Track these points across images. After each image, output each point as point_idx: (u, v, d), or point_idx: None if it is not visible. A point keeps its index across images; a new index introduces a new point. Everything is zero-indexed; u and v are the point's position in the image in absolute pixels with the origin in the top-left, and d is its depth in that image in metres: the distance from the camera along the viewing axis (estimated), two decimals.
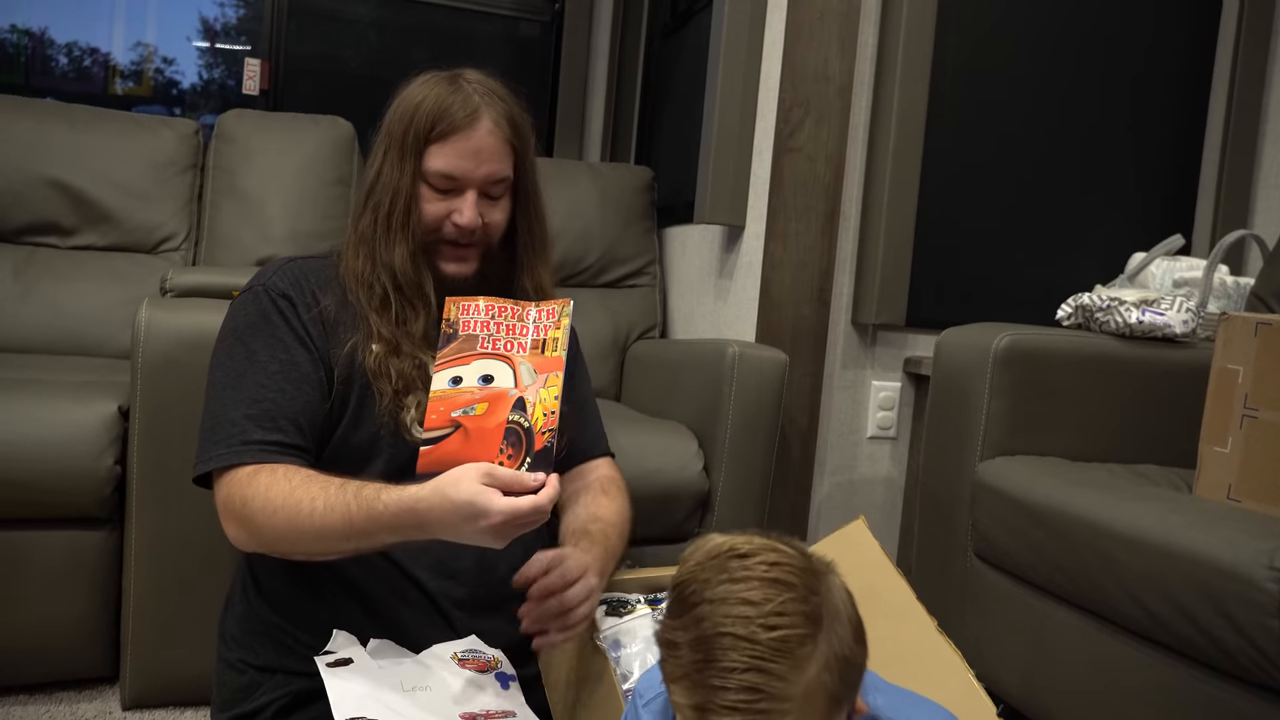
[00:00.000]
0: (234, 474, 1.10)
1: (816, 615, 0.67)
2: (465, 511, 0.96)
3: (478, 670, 1.13)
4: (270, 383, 1.12)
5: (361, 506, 1.02)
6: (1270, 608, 1.09)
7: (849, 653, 0.68)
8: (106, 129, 2.29)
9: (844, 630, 0.68)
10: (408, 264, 1.17)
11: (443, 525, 0.99)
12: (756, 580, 0.68)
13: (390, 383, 1.15)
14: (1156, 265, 2.00)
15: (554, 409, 1.03)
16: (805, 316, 2.06)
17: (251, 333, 1.15)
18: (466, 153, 1.17)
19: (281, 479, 1.07)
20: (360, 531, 1.02)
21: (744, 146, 2.13)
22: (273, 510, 1.05)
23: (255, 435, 1.10)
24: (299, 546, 1.07)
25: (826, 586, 0.71)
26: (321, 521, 1.03)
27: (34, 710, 1.50)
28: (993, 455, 1.66)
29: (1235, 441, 1.39)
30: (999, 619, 1.58)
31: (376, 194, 1.19)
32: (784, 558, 0.70)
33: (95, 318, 2.12)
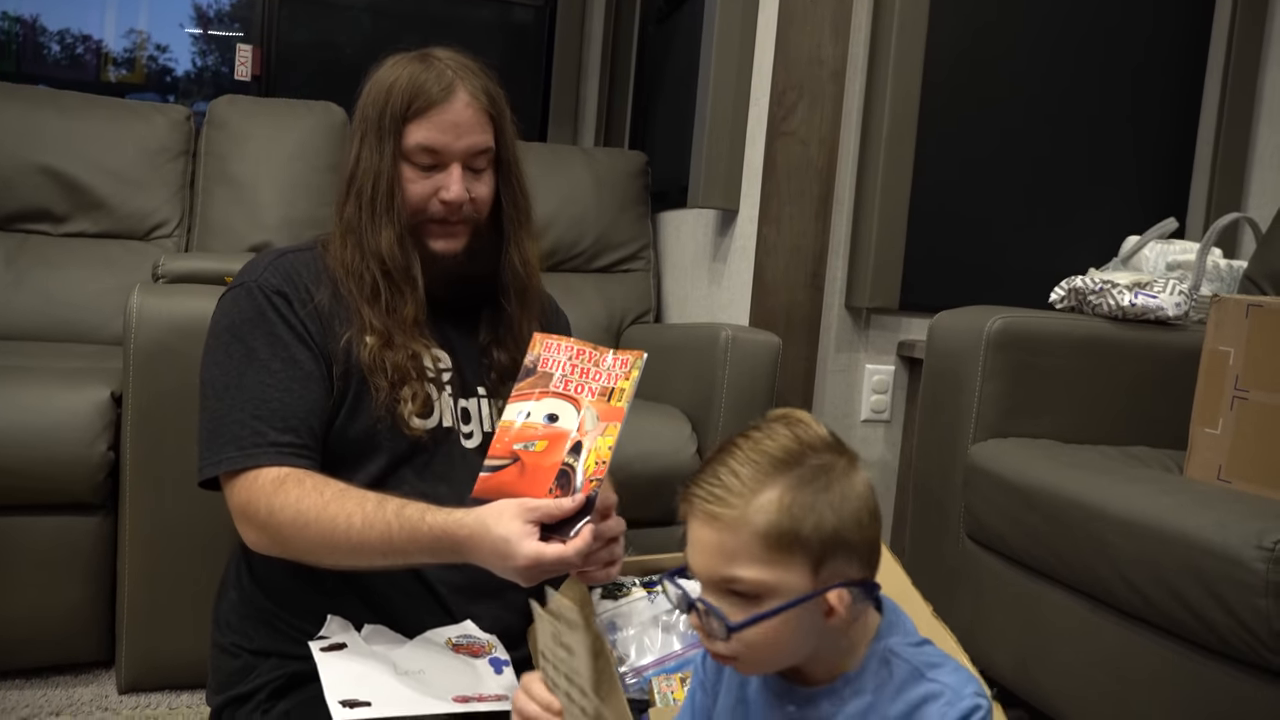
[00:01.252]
0: (252, 478, 1.08)
1: (803, 461, 0.71)
2: (499, 549, 0.97)
3: (471, 655, 1.13)
4: (275, 382, 1.11)
5: (404, 526, 1.02)
6: (1258, 588, 1.09)
7: (823, 518, 0.70)
8: (98, 115, 2.29)
9: (831, 500, 0.71)
10: (395, 248, 1.16)
11: (478, 555, 1.00)
12: (780, 423, 0.75)
13: (386, 377, 1.14)
14: (1150, 248, 2.00)
15: (606, 459, 1.02)
16: (799, 301, 2.06)
17: (249, 331, 1.13)
18: (445, 126, 1.15)
19: (311, 491, 1.06)
20: (398, 550, 1.03)
21: (737, 131, 2.12)
22: (304, 524, 1.05)
23: (269, 437, 1.09)
24: (328, 559, 1.07)
25: (838, 463, 0.73)
26: (359, 539, 1.03)
27: (30, 695, 1.50)
28: (985, 438, 1.66)
29: (1226, 423, 1.40)
30: (992, 601, 1.59)
31: (358, 180, 1.17)
32: (811, 433, 0.74)
33: (88, 304, 2.12)
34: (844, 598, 0.72)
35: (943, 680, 0.73)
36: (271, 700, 1.11)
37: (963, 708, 0.71)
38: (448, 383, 1.21)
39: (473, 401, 1.23)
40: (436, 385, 1.19)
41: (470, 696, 1.06)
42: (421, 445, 1.17)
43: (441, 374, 1.20)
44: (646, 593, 1.30)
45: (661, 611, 1.27)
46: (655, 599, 1.29)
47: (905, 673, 0.74)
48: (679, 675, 1.17)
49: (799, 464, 0.71)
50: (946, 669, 0.75)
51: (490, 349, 1.25)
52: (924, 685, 0.73)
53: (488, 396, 1.24)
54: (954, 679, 0.74)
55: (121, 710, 1.48)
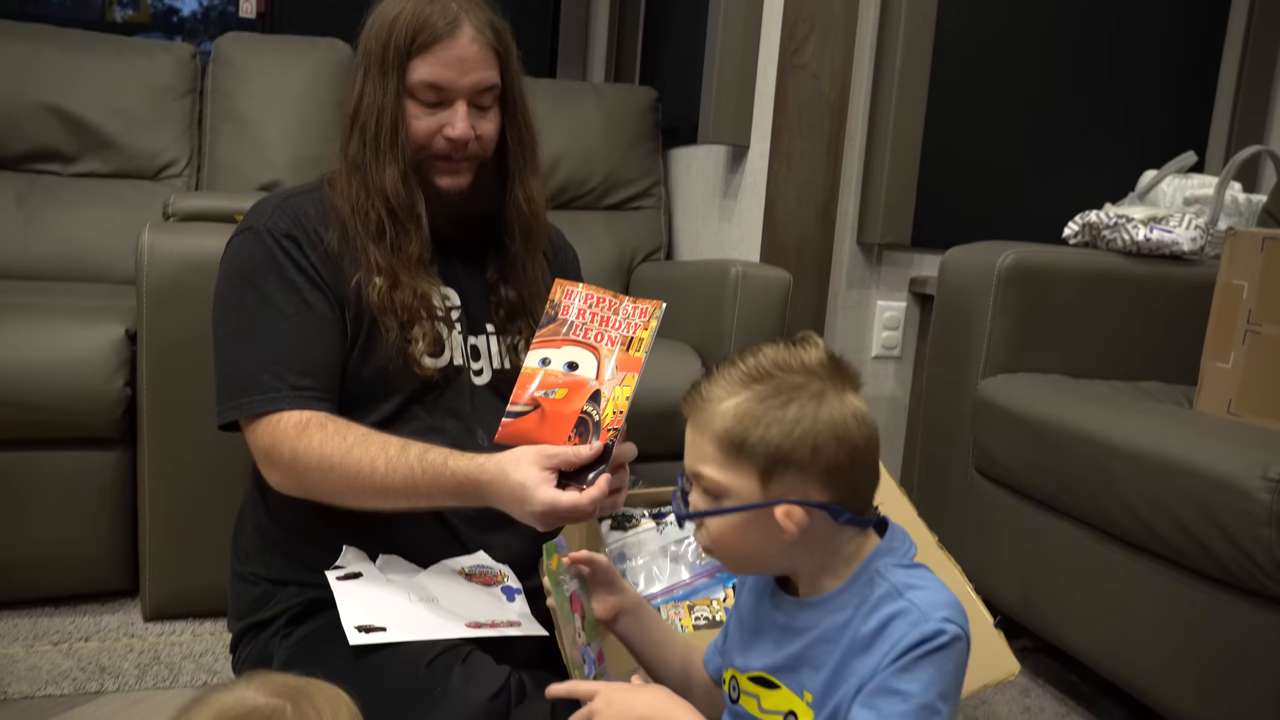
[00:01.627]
0: (274, 422, 1.09)
1: (772, 377, 0.75)
2: (517, 494, 0.99)
3: (484, 584, 1.16)
4: (291, 327, 1.12)
5: (427, 470, 1.04)
6: (1262, 517, 1.10)
7: (768, 433, 0.74)
8: (102, 53, 2.27)
9: (783, 418, 0.74)
10: (399, 185, 1.15)
11: (497, 500, 1.02)
12: (783, 343, 0.78)
13: (396, 317, 1.14)
14: (1168, 183, 1.97)
15: (623, 409, 1.03)
16: (810, 237, 2.05)
17: (261, 276, 1.13)
18: (451, 61, 1.13)
19: (334, 436, 1.07)
20: (421, 493, 1.05)
21: (748, 65, 2.09)
22: (329, 468, 1.06)
23: (289, 381, 1.10)
24: (350, 501, 1.09)
25: (813, 385, 0.75)
26: (383, 482, 1.05)
27: (60, 622, 1.55)
28: (995, 373, 1.66)
29: (1237, 357, 1.39)
30: (999, 533, 1.61)
31: (361, 116, 1.16)
32: (802, 355, 0.76)
33: (100, 244, 2.13)
34: (793, 514, 0.74)
35: (914, 600, 0.73)
36: (290, 626, 1.14)
37: (925, 630, 0.71)
38: (457, 320, 1.21)
39: (481, 339, 1.24)
40: (446, 323, 1.19)
41: (483, 623, 1.08)
42: (433, 383, 1.17)
43: (450, 312, 1.21)
44: (655, 524, 1.32)
45: (670, 542, 1.29)
46: (664, 530, 1.31)
47: (884, 591, 0.75)
48: (687, 603, 1.19)
49: (767, 380, 0.75)
50: (924, 590, 0.74)
51: (497, 286, 1.25)
52: (896, 603, 0.73)
53: (496, 334, 1.25)
54: (927, 600, 0.73)
55: (147, 636, 1.53)
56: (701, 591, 1.20)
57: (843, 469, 0.75)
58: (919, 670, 0.70)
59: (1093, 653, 1.41)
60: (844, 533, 0.78)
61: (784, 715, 0.79)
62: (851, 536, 0.78)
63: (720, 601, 1.17)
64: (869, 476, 0.78)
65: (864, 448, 0.76)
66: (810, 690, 0.76)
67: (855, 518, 0.77)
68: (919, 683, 0.70)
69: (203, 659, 1.47)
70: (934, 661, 0.70)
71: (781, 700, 0.79)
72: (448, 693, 0.98)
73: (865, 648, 0.73)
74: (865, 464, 0.76)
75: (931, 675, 0.70)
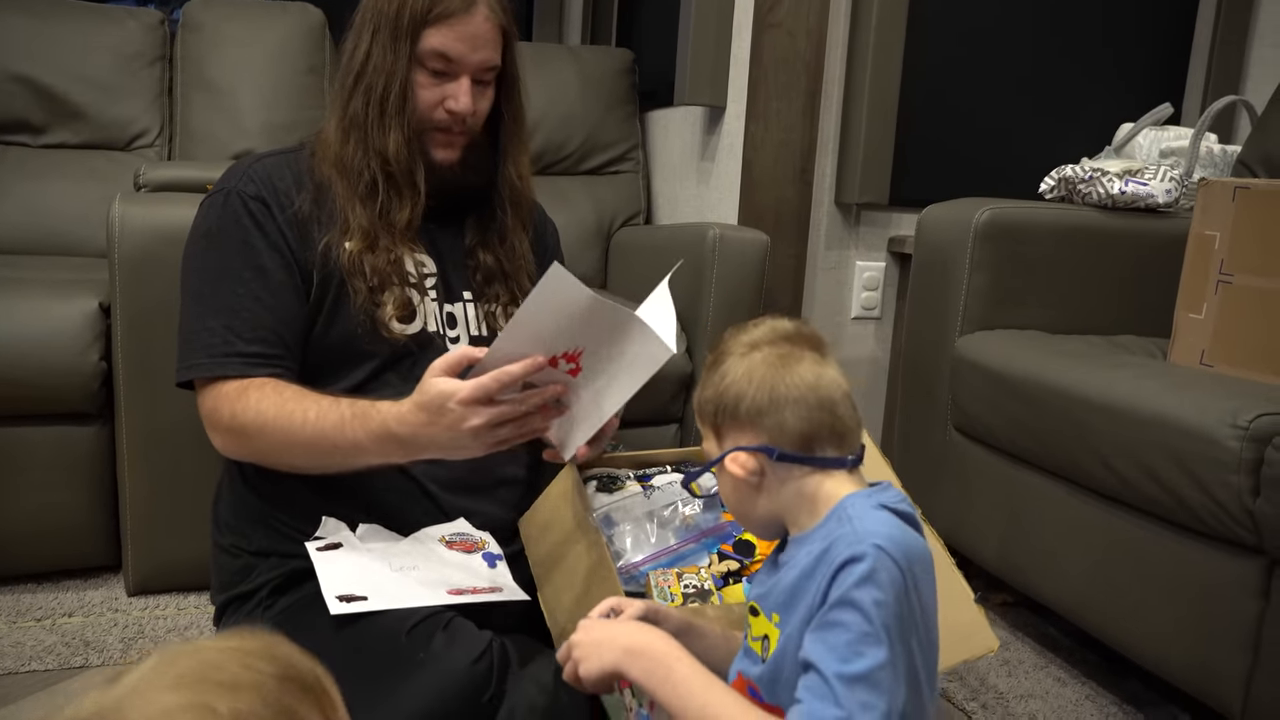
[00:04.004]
0: (219, 387, 1.11)
1: (718, 349, 0.83)
2: (434, 405, 0.97)
3: (465, 551, 1.16)
4: (247, 291, 1.12)
5: (356, 414, 1.04)
6: (1232, 464, 1.12)
7: (704, 392, 0.83)
8: (68, 19, 2.22)
9: (714, 378, 0.82)
10: (402, 150, 1.16)
11: (423, 431, 0.99)
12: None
13: (365, 280, 1.14)
14: (1144, 136, 1.97)
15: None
16: (788, 198, 2.04)
17: (224, 239, 1.13)
18: (464, 37, 1.15)
19: (272, 393, 1.08)
20: (349, 439, 1.04)
21: (723, 23, 2.07)
22: (263, 423, 1.07)
23: (237, 346, 1.11)
24: (289, 457, 1.10)
25: (739, 348, 0.81)
26: (314, 430, 1.05)
27: (43, 598, 1.55)
28: (973, 330, 1.67)
29: (1210, 307, 1.40)
30: (977, 490, 1.62)
31: (368, 77, 1.16)
32: (750, 331, 0.82)
33: (73, 216, 2.10)
34: (738, 459, 0.80)
35: (855, 527, 0.74)
36: (272, 597, 1.15)
37: (849, 553, 0.72)
38: (431, 288, 1.21)
39: (458, 306, 1.24)
40: (419, 290, 1.19)
41: (464, 589, 1.09)
42: (405, 350, 1.17)
43: (425, 279, 1.20)
44: (641, 487, 1.32)
45: (658, 507, 1.29)
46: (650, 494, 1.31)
47: (838, 522, 0.77)
48: (675, 570, 1.19)
49: (712, 353, 0.84)
50: (869, 519, 0.75)
51: (476, 250, 1.25)
52: (841, 529, 0.75)
53: (473, 300, 1.25)
54: (864, 527, 0.74)
55: (131, 611, 1.53)
56: (688, 558, 1.21)
57: (764, 409, 0.78)
58: (855, 597, 0.71)
59: (1070, 605, 1.43)
60: (795, 472, 0.80)
61: (761, 640, 0.81)
62: (808, 477, 0.80)
63: (707, 569, 1.17)
64: (802, 413, 0.79)
65: (786, 389, 0.78)
66: (777, 612, 0.79)
67: (792, 455, 0.79)
68: (856, 611, 0.71)
69: (187, 632, 1.47)
70: (865, 587, 0.71)
71: (760, 626, 0.82)
72: (430, 658, 0.99)
73: (811, 570, 0.76)
74: (791, 400, 0.78)
75: (866, 600, 0.71)
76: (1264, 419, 1.12)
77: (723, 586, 1.15)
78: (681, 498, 1.23)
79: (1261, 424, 1.11)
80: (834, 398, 0.80)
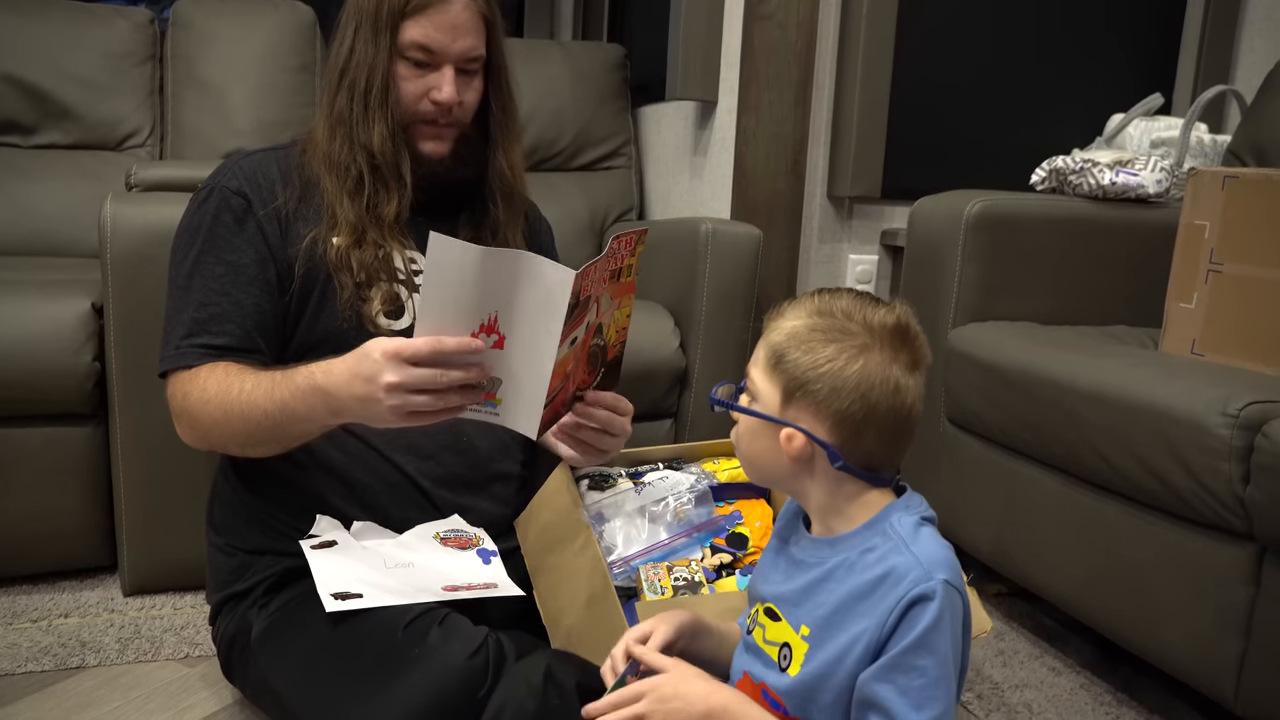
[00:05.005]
0: (181, 375, 1.13)
1: (834, 317, 0.80)
2: (359, 354, 0.95)
3: (459, 548, 1.16)
4: (217, 286, 1.13)
5: (286, 375, 1.04)
6: (1223, 452, 1.12)
7: (801, 359, 0.79)
8: (57, 19, 2.21)
9: (818, 353, 0.79)
10: (387, 143, 1.16)
11: (343, 383, 0.97)
12: (869, 298, 0.83)
13: (351, 275, 1.15)
14: (1135, 126, 1.97)
15: (625, 325, 1.11)
16: (780, 190, 2.04)
17: (201, 234, 1.15)
18: (443, 26, 1.15)
19: (220, 372, 1.10)
20: (278, 403, 1.03)
21: (714, 16, 2.07)
22: (206, 399, 1.08)
23: (200, 339, 1.12)
24: (229, 434, 1.10)
25: (861, 340, 0.79)
26: (247, 400, 1.06)
27: (39, 599, 1.55)
28: (965, 321, 1.67)
29: (1200, 296, 1.41)
30: (971, 480, 1.63)
31: (351, 72, 1.17)
32: (875, 313, 0.80)
33: (64, 216, 2.09)
34: (794, 439, 0.79)
35: (918, 554, 0.75)
36: (268, 595, 1.15)
37: (925, 588, 0.73)
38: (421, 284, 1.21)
39: None
40: (407, 286, 1.19)
41: (459, 586, 1.09)
42: None
43: (414, 276, 1.20)
44: (633, 484, 1.32)
45: (649, 502, 1.30)
46: (642, 490, 1.32)
47: (891, 544, 0.77)
48: (665, 564, 1.20)
49: (829, 318, 0.80)
50: (924, 543, 0.77)
51: None
52: (901, 556, 0.76)
53: None
54: (929, 555, 0.75)
55: (128, 611, 1.53)
56: (680, 551, 1.21)
57: (853, 420, 0.78)
58: (933, 641, 0.72)
59: (1064, 594, 1.44)
60: (847, 479, 0.80)
61: (780, 646, 0.81)
62: (859, 487, 0.81)
63: (699, 562, 1.18)
64: (883, 440, 0.79)
65: (883, 412, 0.78)
66: (808, 625, 0.79)
67: (854, 469, 0.79)
68: (934, 656, 0.72)
69: (184, 631, 1.47)
70: (940, 628, 0.72)
71: (780, 632, 0.82)
72: (425, 653, 0.99)
73: (867, 594, 0.76)
74: (880, 426, 0.78)
75: (943, 645, 0.72)
76: (1254, 407, 1.12)
77: (715, 580, 1.15)
78: (673, 493, 1.24)
79: (1252, 412, 1.12)
80: (913, 426, 0.81)
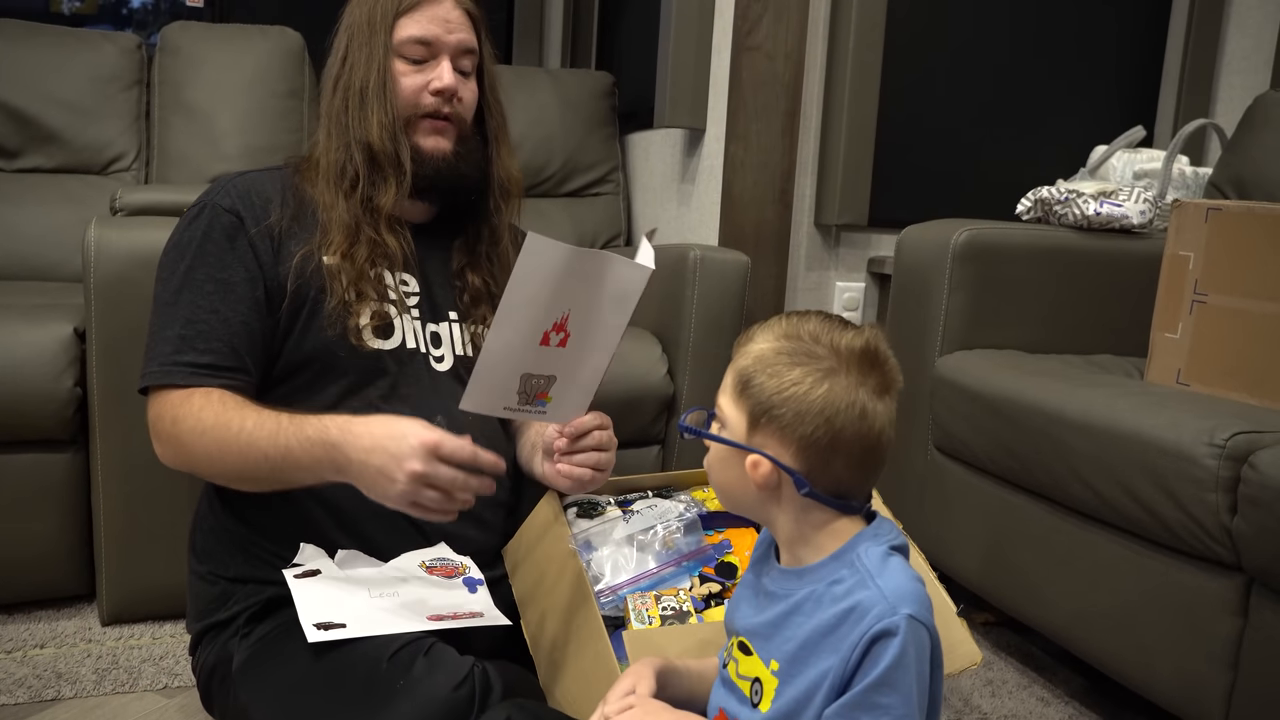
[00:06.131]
0: (166, 394, 1.11)
1: (801, 340, 0.78)
2: (394, 431, 0.97)
3: (445, 577, 1.15)
4: (205, 303, 1.12)
5: (293, 422, 1.03)
6: (1209, 483, 1.12)
7: (767, 384, 0.77)
8: (43, 43, 2.21)
9: (784, 378, 0.77)
10: (385, 132, 1.17)
11: (363, 449, 0.98)
12: (838, 321, 0.82)
13: (341, 290, 1.14)
14: (1117, 158, 2.00)
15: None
16: (768, 219, 2.05)
17: (192, 250, 1.14)
18: (437, 20, 1.19)
19: (216, 402, 1.08)
20: (282, 449, 1.02)
21: (703, 46, 2.08)
22: (202, 430, 1.07)
23: (186, 356, 1.10)
24: (221, 468, 1.08)
25: (828, 364, 0.77)
26: (249, 439, 1.04)
27: (14, 629, 1.52)
28: (952, 350, 1.68)
29: (1185, 327, 1.42)
30: (958, 509, 1.63)
31: (346, 76, 1.19)
32: (843, 335, 0.78)
33: (48, 240, 2.08)
34: (760, 465, 0.77)
35: (882, 587, 0.73)
36: (250, 625, 1.13)
37: (888, 623, 0.71)
38: (413, 306, 1.21)
39: (443, 326, 1.23)
40: (398, 306, 1.19)
41: (445, 615, 1.08)
42: (382, 366, 1.17)
43: (406, 298, 1.20)
44: (621, 512, 1.31)
45: (636, 531, 1.29)
46: (630, 519, 1.31)
47: (858, 577, 0.75)
48: (654, 593, 1.19)
49: (796, 340, 0.78)
50: (890, 575, 0.75)
51: (464, 272, 1.26)
52: (866, 591, 0.74)
53: (459, 321, 1.25)
54: (894, 589, 0.73)
55: (105, 641, 1.50)
56: (668, 581, 1.20)
57: (819, 446, 0.76)
58: (896, 679, 0.71)
59: (1052, 624, 1.43)
60: (815, 507, 0.79)
61: (752, 681, 0.80)
62: (827, 515, 0.79)
63: (687, 591, 1.17)
64: (851, 467, 0.78)
65: (850, 437, 0.76)
66: (777, 659, 0.78)
67: (821, 496, 0.78)
68: (897, 693, 0.71)
69: (163, 662, 1.45)
70: (904, 665, 0.71)
71: (751, 667, 0.80)
72: (410, 684, 0.98)
73: (832, 629, 0.74)
74: (848, 453, 0.77)
75: (906, 682, 0.71)
76: (1240, 437, 1.13)
77: (704, 609, 1.14)
78: (662, 521, 1.23)
79: (1238, 442, 1.12)
80: (883, 453, 0.79)
